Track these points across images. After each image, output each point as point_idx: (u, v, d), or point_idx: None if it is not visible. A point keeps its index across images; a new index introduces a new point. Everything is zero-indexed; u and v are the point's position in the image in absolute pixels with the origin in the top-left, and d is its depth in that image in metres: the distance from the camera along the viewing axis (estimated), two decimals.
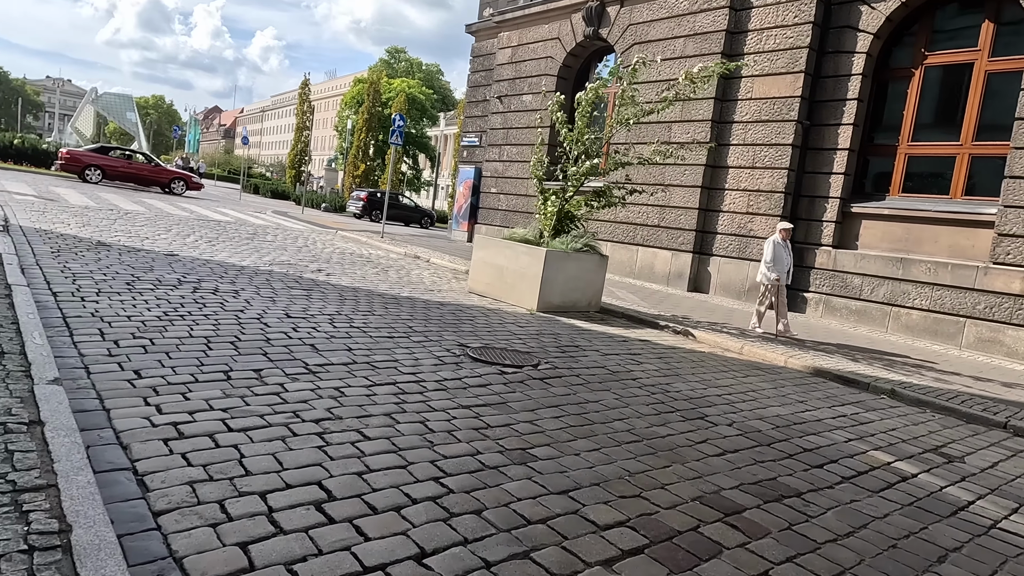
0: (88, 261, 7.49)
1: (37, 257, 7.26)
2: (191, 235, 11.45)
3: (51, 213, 11.55)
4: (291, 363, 4.73)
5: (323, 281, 8.62)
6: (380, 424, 3.77)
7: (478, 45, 19.52)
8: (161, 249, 9.30)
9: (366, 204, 27.59)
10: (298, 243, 12.97)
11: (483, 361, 5.55)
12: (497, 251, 9.40)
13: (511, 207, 17.39)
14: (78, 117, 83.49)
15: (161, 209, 15.85)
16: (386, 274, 10.26)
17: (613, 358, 6.45)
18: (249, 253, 10.25)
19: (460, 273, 11.83)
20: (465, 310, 8.03)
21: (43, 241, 8.44)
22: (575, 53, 16.02)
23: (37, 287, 5.84)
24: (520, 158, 17.14)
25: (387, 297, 8.14)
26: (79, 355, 4.25)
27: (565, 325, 8.00)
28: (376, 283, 9.16)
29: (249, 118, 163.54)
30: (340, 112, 57.30)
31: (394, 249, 14.19)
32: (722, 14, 12.60)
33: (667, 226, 13.44)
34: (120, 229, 10.79)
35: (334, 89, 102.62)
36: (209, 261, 8.86)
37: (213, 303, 6.27)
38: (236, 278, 7.85)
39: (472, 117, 19.60)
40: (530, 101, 16.90)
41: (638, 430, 4.34)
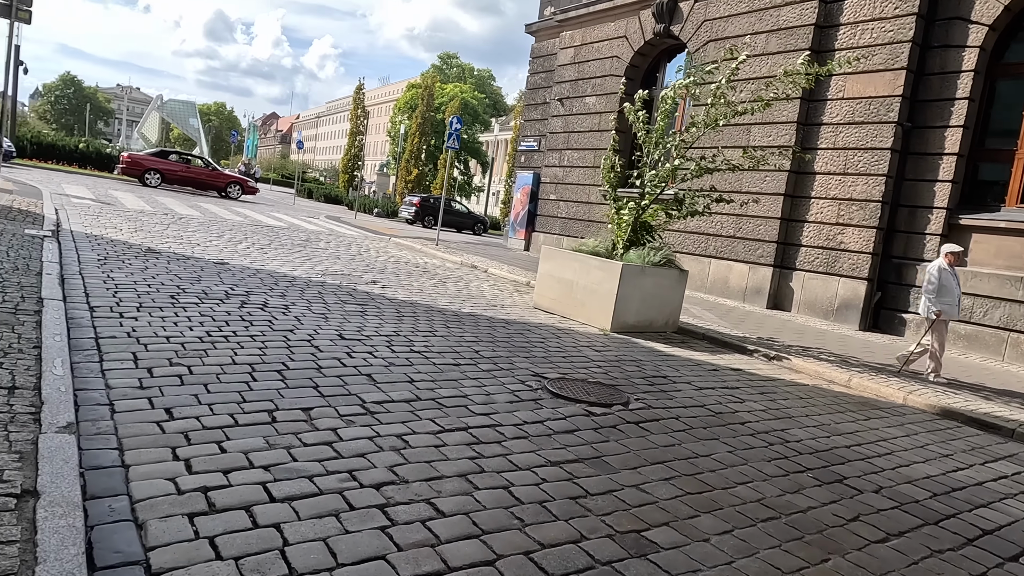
0: (134, 270, 7.02)
1: (81, 266, 6.82)
2: (243, 241, 11.03)
3: (105, 217, 11.31)
4: (345, 399, 4.03)
5: (378, 295, 7.99)
6: (455, 491, 3.01)
7: (538, 46, 18.80)
8: (211, 257, 8.84)
9: (418, 209, 27.15)
10: (351, 251, 12.45)
11: (564, 397, 4.76)
12: (565, 264, 8.61)
13: (571, 215, 16.57)
14: (144, 123, 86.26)
15: (215, 214, 15.62)
16: (444, 286, 9.58)
17: (710, 393, 5.57)
18: (301, 262, 9.72)
19: (521, 286, 11.10)
20: (533, 330, 7.26)
21: (91, 248, 8.06)
22: (643, 52, 15.12)
23: (74, 300, 5.34)
24: (582, 163, 16.32)
25: (447, 314, 7.44)
26: (105, 387, 3.64)
27: (645, 349, 7.15)
28: (435, 297, 8.48)
29: (305, 124, 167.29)
30: (393, 117, 57.56)
31: (450, 258, 13.55)
32: (810, 7, 11.54)
33: (744, 237, 12.41)
34: (172, 235, 10.43)
35: (387, 95, 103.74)
36: (260, 271, 8.34)
37: (261, 321, 5.66)
38: (287, 290, 7.28)
39: (531, 120, 18.89)
40: (593, 103, 16.07)
41: (770, 500, 3.47)
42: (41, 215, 9.64)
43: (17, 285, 5.24)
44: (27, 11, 8.28)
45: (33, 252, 6.73)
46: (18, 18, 8.28)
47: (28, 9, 8.27)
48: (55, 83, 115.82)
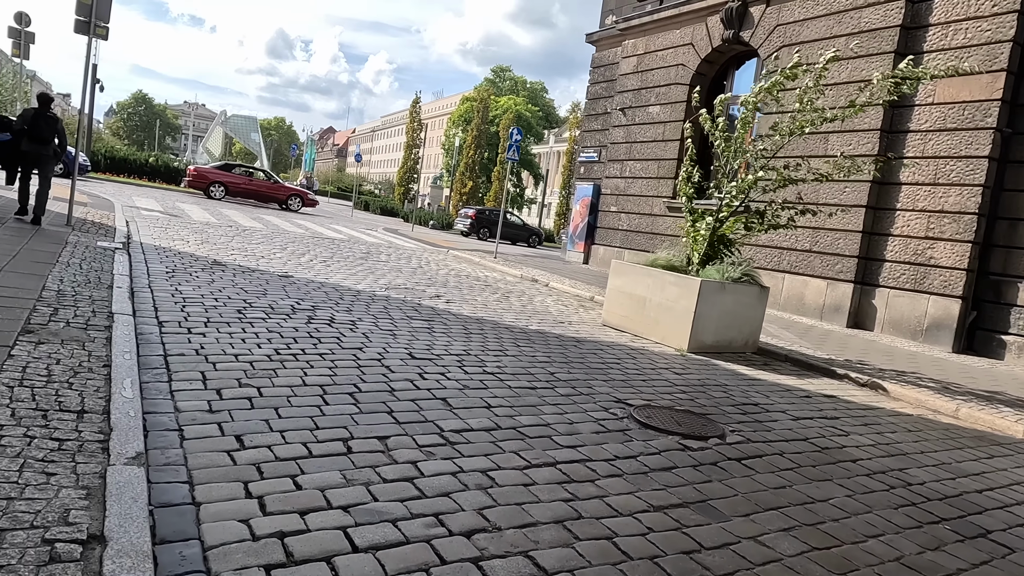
0: (201, 283, 6.96)
1: (151, 279, 6.79)
2: (306, 254, 11.00)
3: (173, 229, 11.47)
4: (422, 427, 3.74)
5: (443, 309, 7.74)
6: (554, 542, 2.66)
7: (599, 55, 18.47)
8: (276, 270, 8.77)
9: (474, 222, 27.10)
10: (412, 263, 12.31)
11: (654, 428, 4.36)
12: (637, 279, 8.20)
13: (633, 227, 16.11)
14: (209, 138, 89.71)
15: (278, 226, 15.79)
16: (508, 301, 9.29)
17: (809, 425, 5.08)
18: (364, 275, 9.59)
19: (585, 301, 10.72)
20: (606, 349, 6.87)
21: (160, 260, 8.08)
22: (710, 59, 14.61)
23: (143, 315, 5.24)
24: (644, 174, 15.86)
25: (515, 331, 7.12)
26: (174, 410, 3.45)
27: (727, 372, 6.67)
28: (500, 312, 8.19)
29: (360, 138, 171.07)
30: (447, 130, 58.09)
31: (510, 271, 13.28)
32: (896, 8, 10.87)
33: (821, 251, 11.73)
34: (237, 247, 10.47)
35: (440, 109, 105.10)
36: (324, 284, 8.22)
37: (329, 338, 5.46)
38: (352, 305, 7.10)
39: (590, 131, 18.53)
40: (657, 113, 15.61)
41: (912, 559, 3.00)
42: (113, 227, 9.80)
43: (89, 299, 5.17)
44: (104, 27, 8.43)
45: (105, 265, 6.74)
46: (96, 34, 8.42)
47: (105, 26, 8.42)
48: (127, 101, 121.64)
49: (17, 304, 4.63)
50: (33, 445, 2.67)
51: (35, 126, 8.87)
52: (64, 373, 3.50)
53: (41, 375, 3.42)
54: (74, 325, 4.41)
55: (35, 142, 8.93)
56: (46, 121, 8.97)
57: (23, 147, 8.91)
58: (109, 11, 8.59)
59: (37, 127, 8.88)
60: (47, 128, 8.97)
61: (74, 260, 6.67)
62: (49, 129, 9.00)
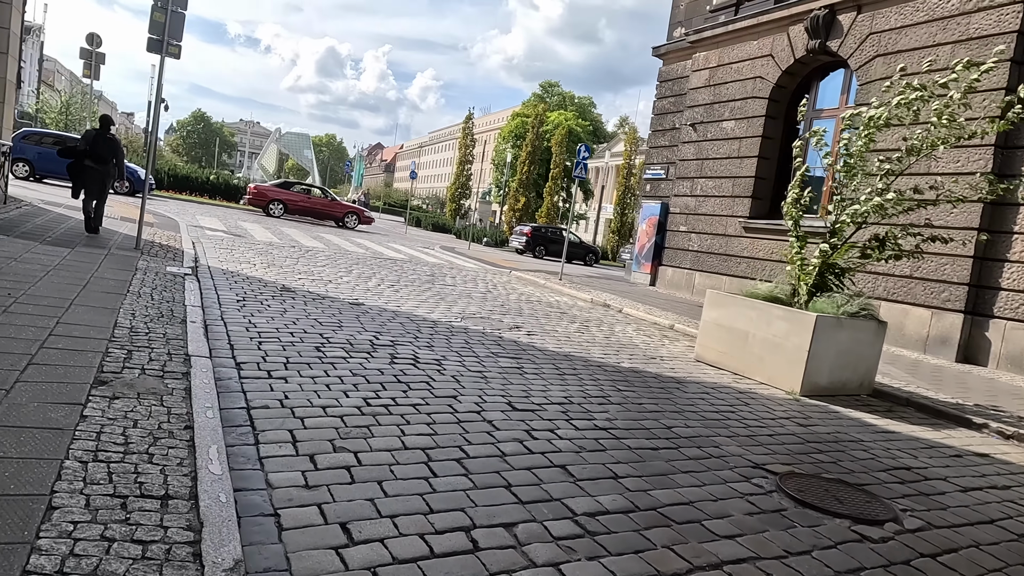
0: (274, 314, 6.54)
1: (223, 309, 6.40)
2: (372, 277, 10.60)
3: (238, 251, 11.23)
4: (550, 508, 3.14)
5: (527, 344, 7.15)
6: None
7: (666, 69, 17.79)
8: (345, 296, 8.35)
9: (529, 239, 26.59)
10: (479, 287, 11.79)
11: (813, 507, 3.65)
12: (738, 312, 7.46)
13: (704, 248, 15.29)
14: (263, 155, 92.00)
15: (338, 246, 15.53)
16: (589, 332, 8.65)
17: (984, 499, 4.28)
18: (435, 302, 9.10)
19: (666, 330, 10.02)
20: (713, 393, 6.16)
21: (230, 286, 7.73)
22: (791, 71, 13.78)
23: (220, 354, 4.80)
24: (717, 192, 15.07)
25: (608, 370, 6.48)
26: (267, 485, 2.94)
27: (855, 423, 5.88)
28: (586, 347, 7.56)
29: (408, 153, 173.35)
30: (497, 145, 57.96)
31: (579, 295, 12.64)
32: (1012, 12, 9.91)
33: (924, 277, 10.75)
34: (303, 270, 10.13)
35: (488, 124, 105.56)
36: (397, 313, 7.73)
37: (418, 382, 4.92)
38: (432, 338, 6.57)
39: (657, 148, 17.82)
40: (732, 128, 14.82)
41: None
42: (180, 250, 9.56)
43: (163, 338, 4.76)
44: (177, 46, 8.21)
45: (176, 294, 6.38)
46: (168, 53, 8.20)
47: (178, 44, 8.19)
48: (187, 119, 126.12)
49: (89, 346, 4.23)
50: (112, 553, 2.16)
51: (96, 147, 9.41)
52: (142, 440, 3.02)
53: (118, 444, 2.94)
54: (149, 372, 3.96)
55: (96, 162, 9.42)
56: (106, 142, 9.52)
57: (85, 165, 9.41)
58: (182, 30, 8.39)
59: (98, 148, 9.42)
60: (107, 149, 9.50)
61: (144, 289, 6.33)
62: (109, 150, 9.53)
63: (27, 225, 9.05)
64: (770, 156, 14.28)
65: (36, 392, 3.33)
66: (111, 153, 9.55)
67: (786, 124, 14.31)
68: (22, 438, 2.81)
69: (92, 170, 9.41)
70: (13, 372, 3.53)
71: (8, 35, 9.91)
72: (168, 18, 8.22)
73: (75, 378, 3.62)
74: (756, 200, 14.23)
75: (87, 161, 9.39)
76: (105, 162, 9.51)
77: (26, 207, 11.16)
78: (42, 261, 6.74)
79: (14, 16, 10.02)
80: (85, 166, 9.40)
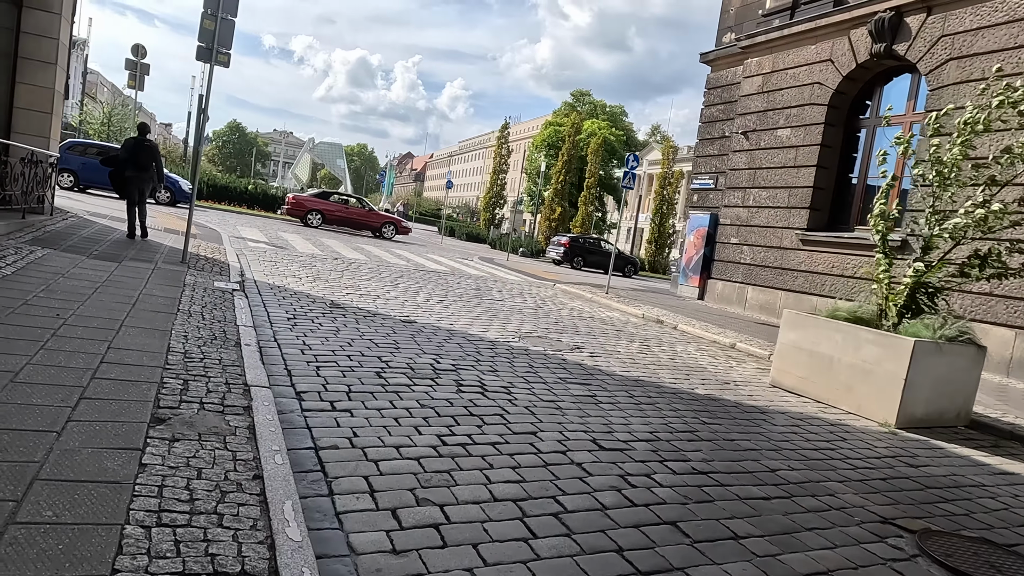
0: (327, 333, 6.19)
1: (275, 328, 6.07)
2: (419, 292, 10.24)
3: (282, 264, 10.98)
4: None
5: (593, 367, 6.69)
6: None
7: (714, 75, 17.23)
8: (396, 313, 7.99)
9: (567, 250, 26.11)
10: (528, 302, 11.37)
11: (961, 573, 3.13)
12: (820, 335, 6.90)
13: (758, 261, 14.67)
14: (297, 164, 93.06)
15: (380, 257, 15.26)
16: (651, 352, 8.16)
17: None
18: (488, 319, 8.69)
19: (727, 348, 9.48)
20: (803, 426, 5.63)
21: (278, 302, 7.42)
22: (852, 77, 13.14)
23: (278, 382, 4.45)
24: (771, 203, 14.45)
25: (685, 398, 5.99)
26: (350, 551, 2.56)
27: (966, 461, 5.30)
28: (653, 369, 7.07)
29: (437, 163, 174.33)
30: (530, 154, 57.66)
31: (630, 311, 12.14)
32: None
33: (1006, 295, 10.03)
34: (349, 284, 9.82)
35: (518, 133, 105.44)
36: (452, 332, 7.34)
37: (491, 415, 4.50)
38: (495, 362, 6.15)
39: (705, 157, 17.24)
40: (787, 136, 14.21)
41: None
42: (226, 263, 9.32)
43: (218, 364, 4.41)
44: (226, 55, 7.97)
45: (227, 312, 6.07)
46: (218, 62, 7.96)
47: (227, 52, 7.96)
48: (222, 130, 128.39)
49: (143, 375, 3.89)
50: None
51: (136, 155, 9.89)
52: (209, 495, 2.64)
53: (182, 500, 2.56)
54: (209, 407, 3.60)
55: (137, 169, 9.87)
56: (145, 149, 10.00)
57: (127, 173, 9.83)
58: (231, 38, 8.16)
59: (137, 156, 9.90)
60: (146, 156, 9.99)
61: (194, 307, 6.03)
62: (148, 157, 10.01)
63: (73, 238, 8.88)
64: (828, 165, 13.63)
65: (90, 434, 2.98)
66: (150, 159, 10.01)
67: (845, 132, 13.66)
68: (77, 496, 2.44)
69: (134, 178, 9.83)
70: (65, 409, 3.19)
71: (56, 46, 9.81)
72: (218, 26, 7.99)
73: (131, 415, 3.27)
74: (814, 211, 13.58)
75: (128, 171, 9.82)
76: (145, 169, 9.94)
77: (72, 218, 11.06)
78: (90, 277, 6.49)
79: (63, 27, 9.93)
80: (127, 175, 9.83)
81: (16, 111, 9.80)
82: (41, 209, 10.19)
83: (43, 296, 5.33)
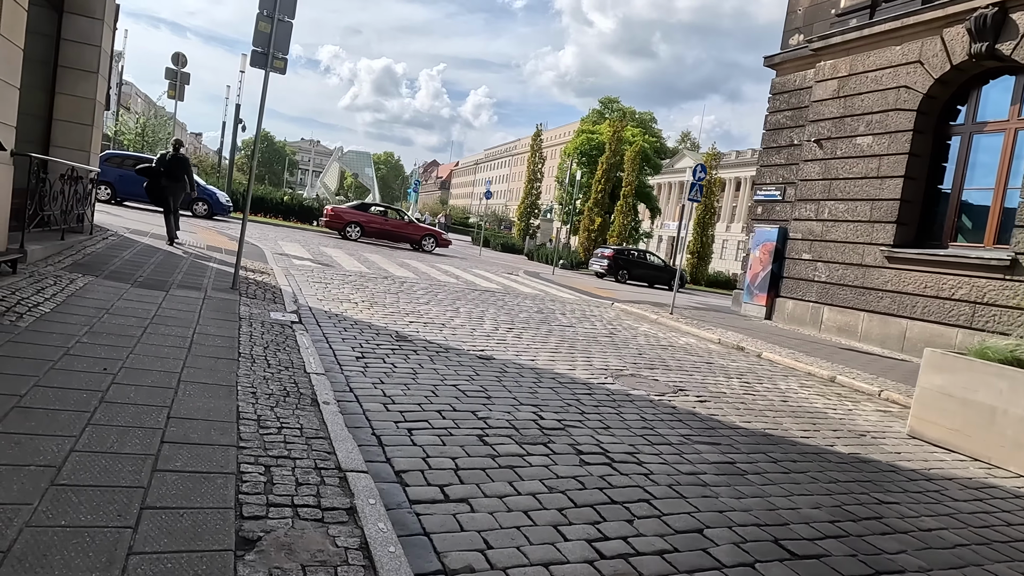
0: (404, 378, 5.36)
1: (346, 373, 5.25)
2: (483, 317, 9.40)
3: (333, 285, 10.21)
4: None
5: (707, 416, 5.76)
6: None
7: (780, 80, 16.18)
8: (468, 346, 7.14)
9: (611, 263, 25.15)
10: (596, 326, 10.45)
11: None
12: (976, 380, 5.88)
13: (835, 279, 13.58)
14: (326, 173, 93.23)
15: (427, 274, 14.47)
16: (756, 392, 7.20)
17: None
18: (567, 351, 7.80)
19: (826, 381, 8.51)
20: (988, 501, 4.64)
21: (341, 336, 6.62)
22: (945, 79, 12.04)
23: (372, 458, 3.61)
24: (850, 216, 13.36)
25: (831, 459, 5.04)
26: None
27: None
28: (772, 417, 6.11)
29: (463, 171, 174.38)
30: (561, 163, 56.74)
31: (703, 335, 11.16)
32: None
33: None
34: (407, 309, 9.01)
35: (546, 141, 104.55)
36: (538, 372, 6.46)
37: (636, 502, 3.60)
38: (601, 413, 5.25)
39: (770, 166, 16.18)
40: (869, 144, 13.13)
41: None
42: (276, 287, 8.56)
43: (300, 435, 3.57)
44: (283, 59, 7.23)
45: (292, 355, 5.26)
46: (274, 68, 7.21)
47: (284, 57, 7.21)
48: (251, 139, 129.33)
49: (216, 461, 3.06)
50: None
51: (170, 167, 11.09)
52: None
53: None
54: (304, 511, 2.75)
55: (171, 179, 11.09)
56: (178, 161, 11.19)
57: (163, 183, 11.05)
58: (288, 41, 7.42)
59: (172, 167, 11.10)
60: (179, 167, 11.18)
61: (256, 349, 5.22)
62: (180, 168, 11.20)
63: (115, 262, 8.19)
64: (917, 176, 12.53)
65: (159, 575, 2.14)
66: (182, 171, 11.23)
67: (935, 139, 12.55)
68: None
69: (168, 187, 11.03)
70: (125, 531, 2.36)
71: (99, 53, 9.18)
72: (274, 28, 7.25)
73: (209, 535, 2.43)
74: (901, 226, 12.48)
75: (163, 180, 11.02)
76: (178, 180, 11.19)
77: (112, 237, 10.43)
78: (137, 312, 5.73)
79: (105, 33, 9.30)
80: (162, 185, 11.02)
81: (55, 123, 9.18)
82: (81, 228, 9.55)
83: (87, 342, 4.56)
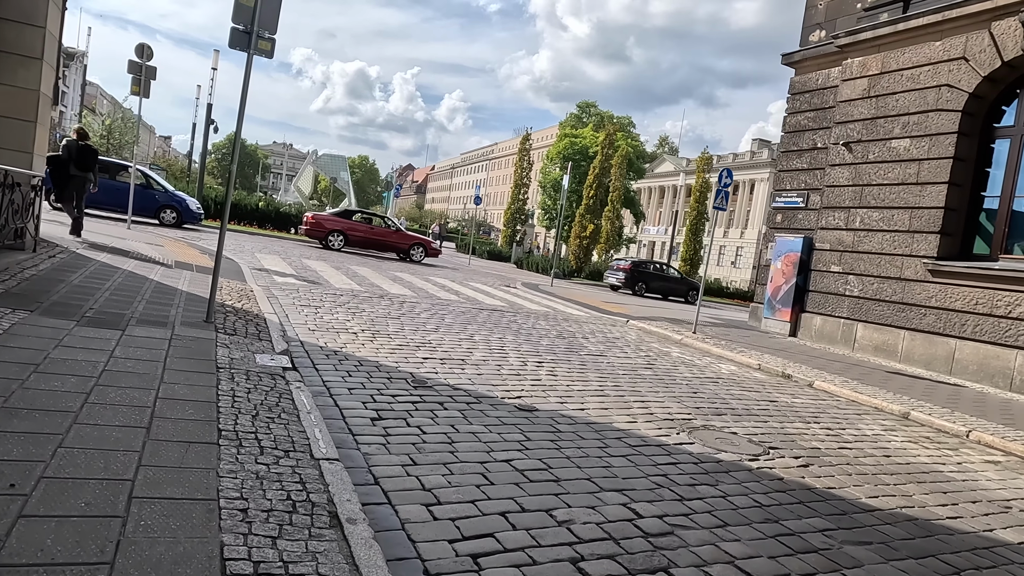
0: (439, 451, 4.05)
1: (364, 451, 3.91)
2: (504, 347, 8.09)
3: (324, 309, 8.81)
4: None
5: (824, 492, 4.53)
6: None
7: (800, 79, 15.16)
8: (500, 392, 5.83)
9: (628, 276, 24.20)
10: (628, 353, 9.20)
11: None
12: None
13: (868, 293, 12.53)
14: (300, 177, 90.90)
15: (423, 290, 13.10)
16: (855, 447, 6.01)
17: None
18: (615, 395, 6.52)
19: (900, 418, 7.44)
20: None
21: (347, 385, 5.26)
22: (994, 77, 11.07)
23: None
24: (885, 226, 12.33)
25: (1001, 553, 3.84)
26: None
27: None
28: (894, 486, 4.91)
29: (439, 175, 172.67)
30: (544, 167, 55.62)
31: (740, 359, 9.99)
32: None
33: None
34: (416, 340, 7.66)
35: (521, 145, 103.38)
36: (598, 430, 5.17)
37: None
38: (703, 496, 3.99)
39: (791, 171, 15.13)
40: (907, 148, 12.12)
41: None
42: (259, 315, 7.16)
43: None
44: (270, 40, 5.87)
45: (291, 428, 3.89)
46: (258, 50, 5.84)
47: (271, 38, 5.86)
48: (222, 142, 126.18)
49: None
50: None
51: (79, 156, 10.84)
52: None
53: None
54: None
55: (80, 169, 10.86)
56: (88, 151, 10.99)
57: (72, 172, 10.78)
58: (276, 19, 6.05)
59: (81, 156, 10.85)
60: (89, 158, 10.96)
61: (242, 422, 3.85)
62: (91, 159, 11.02)
63: (60, 288, 6.70)
64: (962, 182, 11.54)
65: None
66: (92, 162, 11.00)
67: (981, 143, 11.58)
68: None
69: (76, 177, 10.77)
70: None
71: (43, 36, 7.68)
72: (259, 2, 5.88)
73: None
74: (945, 236, 11.47)
75: (72, 169, 10.72)
76: (87, 169, 10.93)
77: (60, 254, 8.86)
78: (80, 366, 4.31)
79: (51, 13, 7.81)
80: (71, 174, 10.72)
81: None
82: (21, 245, 8.03)
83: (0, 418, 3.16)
